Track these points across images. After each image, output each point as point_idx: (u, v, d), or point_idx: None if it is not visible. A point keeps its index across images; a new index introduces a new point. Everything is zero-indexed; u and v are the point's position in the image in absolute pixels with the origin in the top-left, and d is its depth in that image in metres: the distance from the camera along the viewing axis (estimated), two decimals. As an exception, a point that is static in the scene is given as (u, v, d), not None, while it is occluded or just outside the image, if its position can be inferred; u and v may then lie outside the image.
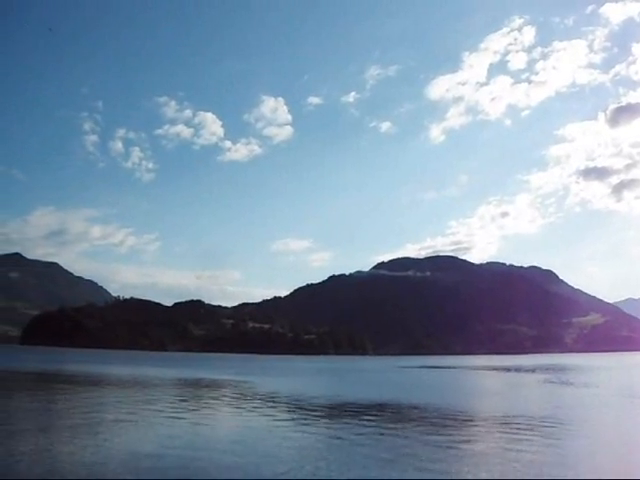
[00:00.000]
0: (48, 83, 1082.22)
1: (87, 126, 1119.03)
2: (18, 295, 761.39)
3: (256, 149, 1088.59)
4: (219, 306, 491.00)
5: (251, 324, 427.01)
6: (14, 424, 27.70)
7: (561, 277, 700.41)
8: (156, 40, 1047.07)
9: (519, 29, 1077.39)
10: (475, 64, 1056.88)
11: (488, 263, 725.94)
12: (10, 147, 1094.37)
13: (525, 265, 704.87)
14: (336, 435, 27.07)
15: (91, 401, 39.76)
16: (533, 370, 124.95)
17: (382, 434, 27.88)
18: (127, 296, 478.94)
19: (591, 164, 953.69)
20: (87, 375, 74.81)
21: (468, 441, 26.15)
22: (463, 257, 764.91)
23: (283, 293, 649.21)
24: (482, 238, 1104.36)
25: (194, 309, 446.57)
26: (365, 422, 32.61)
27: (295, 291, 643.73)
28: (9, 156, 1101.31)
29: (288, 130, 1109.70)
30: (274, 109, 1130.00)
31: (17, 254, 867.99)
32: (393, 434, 27.90)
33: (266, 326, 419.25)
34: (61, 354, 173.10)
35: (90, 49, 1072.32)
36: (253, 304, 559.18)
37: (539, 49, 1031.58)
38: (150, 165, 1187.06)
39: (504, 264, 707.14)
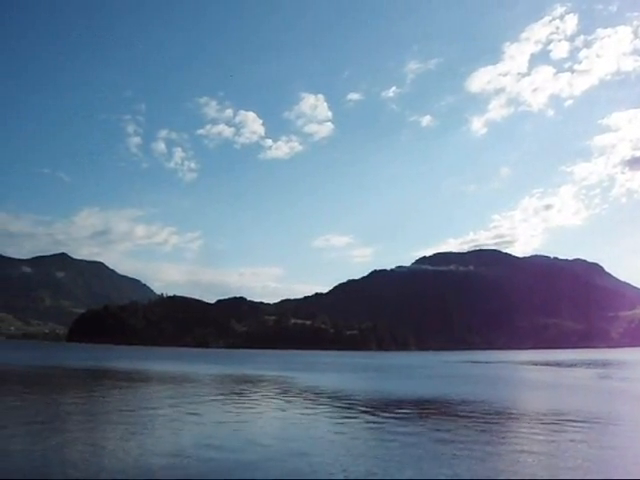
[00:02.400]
0: (92, 87, 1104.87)
1: (130, 128, 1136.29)
2: (65, 294, 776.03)
3: (297, 146, 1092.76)
4: (261, 303, 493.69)
5: (293, 320, 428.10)
6: (60, 421, 27.59)
7: (607, 270, 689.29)
8: (196, 42, 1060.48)
9: (561, 17, 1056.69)
10: (516, 54, 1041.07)
11: (532, 256, 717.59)
12: (56, 150, 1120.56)
13: (570, 258, 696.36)
14: (383, 432, 26.34)
15: (135, 398, 39.68)
16: (580, 365, 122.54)
17: (430, 431, 27.04)
18: (170, 294, 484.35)
19: (637, 153, 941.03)
20: (131, 372, 75.23)
21: (516, 438, 25.23)
22: (506, 251, 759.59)
23: (325, 289, 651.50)
24: (525, 231, 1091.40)
25: (237, 306, 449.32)
26: (412, 418, 31.90)
27: (336, 287, 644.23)
28: (55, 159, 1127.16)
29: (328, 127, 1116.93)
30: (314, 106, 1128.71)
31: (63, 254, 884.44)
32: (442, 431, 27.01)
33: (308, 322, 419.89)
34: (106, 351, 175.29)
35: (132, 53, 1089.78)
36: (295, 300, 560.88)
37: (582, 37, 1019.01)
38: (192, 165, 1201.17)
39: (548, 257, 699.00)
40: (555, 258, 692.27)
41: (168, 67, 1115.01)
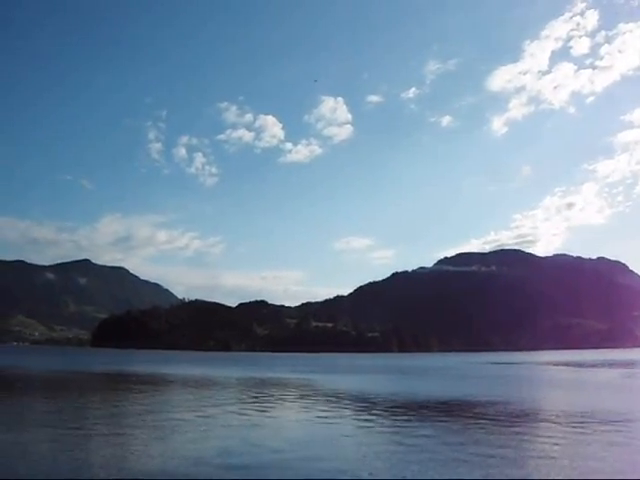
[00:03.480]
0: (114, 94, 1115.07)
1: (152, 134, 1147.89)
2: (88, 300, 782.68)
3: (317, 149, 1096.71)
4: (283, 306, 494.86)
5: (314, 323, 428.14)
6: (84, 425, 27.60)
7: (631, 268, 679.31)
8: (216, 47, 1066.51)
9: (581, 13, 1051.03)
10: (536, 52, 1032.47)
11: (554, 256, 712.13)
12: (78, 157, 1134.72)
13: (593, 257, 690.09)
14: (408, 433, 25.98)
15: (158, 401, 39.70)
16: (604, 365, 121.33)
17: (458, 432, 26.76)
18: (192, 298, 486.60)
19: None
20: (154, 376, 75.44)
21: (545, 439, 24.79)
22: (528, 250, 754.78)
23: (346, 292, 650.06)
24: (548, 230, 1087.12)
25: (258, 309, 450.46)
26: (438, 420, 31.48)
27: (358, 289, 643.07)
28: (77, 166, 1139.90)
29: (348, 129, 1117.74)
30: (334, 109, 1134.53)
31: (86, 260, 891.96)
32: (469, 432, 26.73)
33: (329, 325, 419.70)
34: (129, 356, 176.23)
35: (152, 60, 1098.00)
36: (316, 303, 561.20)
37: (603, 33, 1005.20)
38: (213, 170, 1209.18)
39: (571, 256, 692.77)
40: (578, 257, 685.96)
41: (188, 73, 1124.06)
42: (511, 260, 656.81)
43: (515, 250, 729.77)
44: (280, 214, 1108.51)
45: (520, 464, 19.36)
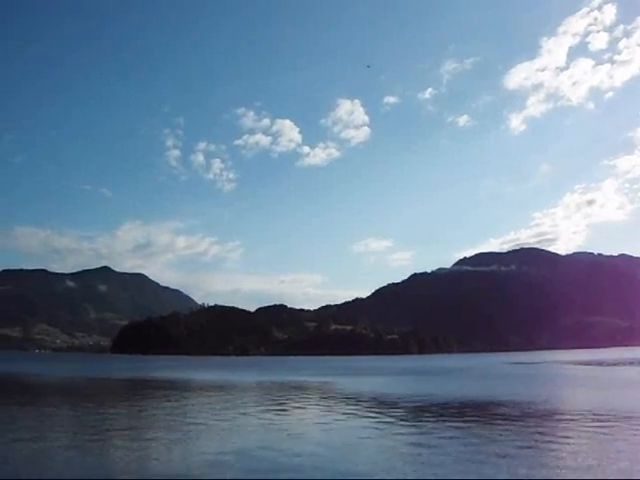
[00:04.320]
0: (131, 103, 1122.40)
1: (170, 142, 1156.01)
2: (108, 307, 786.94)
3: (334, 152, 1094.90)
4: (302, 309, 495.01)
5: (334, 326, 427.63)
6: (106, 429, 27.86)
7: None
8: (232, 53, 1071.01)
9: (599, 8, 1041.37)
10: (554, 49, 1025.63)
11: (575, 254, 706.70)
12: (97, 167, 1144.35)
13: (614, 254, 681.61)
14: (430, 434, 25.81)
15: (180, 406, 39.93)
16: (626, 363, 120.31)
17: (482, 431, 26.50)
18: (211, 303, 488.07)
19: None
20: (174, 381, 75.80)
21: (571, 439, 24.63)
22: (548, 249, 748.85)
23: (365, 294, 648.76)
24: (568, 228, 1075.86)
25: (277, 313, 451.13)
26: (460, 420, 31.16)
27: (377, 291, 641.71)
28: (97, 175, 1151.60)
29: (365, 131, 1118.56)
30: (351, 111, 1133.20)
31: (106, 267, 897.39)
32: (495, 431, 26.46)
33: (348, 327, 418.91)
34: (149, 362, 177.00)
35: (169, 68, 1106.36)
36: (335, 306, 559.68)
37: (621, 27, 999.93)
38: (231, 175, 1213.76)
39: (592, 254, 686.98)
40: (599, 254, 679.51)
41: (205, 80, 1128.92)
42: (531, 259, 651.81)
43: (535, 249, 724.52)
44: (298, 218, 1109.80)
45: (547, 464, 19.21)
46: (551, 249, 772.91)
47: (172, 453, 21.58)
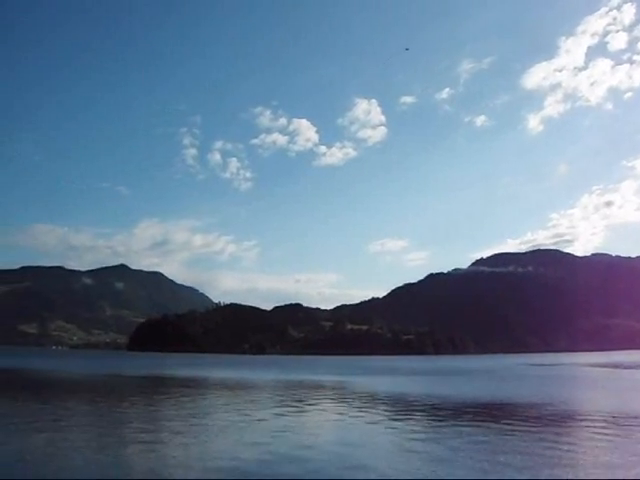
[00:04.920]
0: (149, 103, 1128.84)
1: (187, 140, 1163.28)
2: (125, 304, 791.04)
3: (351, 152, 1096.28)
4: (318, 309, 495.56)
5: (349, 326, 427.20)
6: (124, 427, 27.65)
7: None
8: (248, 52, 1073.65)
9: (618, 8, 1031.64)
10: (572, 49, 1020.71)
11: (593, 255, 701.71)
12: (115, 165, 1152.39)
13: (633, 255, 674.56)
14: (448, 435, 25.40)
15: (196, 404, 39.68)
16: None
17: (499, 433, 26.00)
18: (227, 302, 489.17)
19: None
20: (190, 379, 75.68)
21: (588, 441, 24.19)
22: (566, 250, 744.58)
23: (381, 294, 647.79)
24: (586, 229, 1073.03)
25: (293, 312, 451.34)
26: (477, 421, 30.79)
27: (393, 291, 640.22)
28: (114, 173, 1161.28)
29: (382, 131, 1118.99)
30: (367, 111, 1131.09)
31: (123, 265, 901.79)
32: (512, 434, 25.96)
33: (364, 327, 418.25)
34: (165, 359, 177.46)
35: (186, 67, 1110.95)
36: (351, 305, 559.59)
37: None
38: (247, 174, 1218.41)
39: (610, 255, 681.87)
40: (617, 256, 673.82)
41: (222, 79, 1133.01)
42: (548, 260, 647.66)
43: (552, 250, 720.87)
44: (314, 217, 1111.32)
45: (569, 465, 18.75)
46: (569, 250, 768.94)
47: (189, 452, 21.41)
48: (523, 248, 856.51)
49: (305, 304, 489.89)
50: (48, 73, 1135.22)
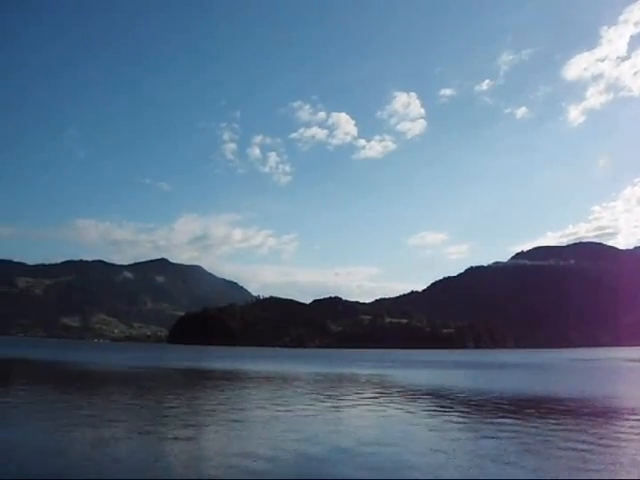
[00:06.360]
0: (189, 98, 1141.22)
1: (226, 135, 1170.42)
2: (165, 297, 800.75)
3: (390, 145, 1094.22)
4: (357, 302, 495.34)
5: (388, 319, 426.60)
6: (162, 421, 27.47)
7: None
8: (288, 47, 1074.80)
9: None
10: (614, 38, 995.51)
11: (636, 248, 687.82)
12: (156, 161, 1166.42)
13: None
14: (494, 430, 24.71)
15: (235, 397, 39.48)
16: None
17: (547, 429, 25.21)
18: (267, 295, 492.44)
19: None
20: (230, 372, 75.80)
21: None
22: (609, 243, 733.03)
23: (420, 287, 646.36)
24: (629, 222, 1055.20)
25: (332, 306, 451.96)
26: (522, 416, 30.03)
27: (432, 285, 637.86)
28: (156, 169, 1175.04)
29: (421, 124, 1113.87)
30: (407, 104, 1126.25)
31: (163, 259, 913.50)
32: (561, 430, 25.22)
33: (404, 321, 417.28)
34: (205, 352, 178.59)
35: (226, 62, 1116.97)
36: (390, 299, 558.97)
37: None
38: (287, 168, 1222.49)
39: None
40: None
41: (261, 74, 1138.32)
42: (590, 253, 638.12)
43: (595, 243, 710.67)
44: (354, 210, 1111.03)
45: (616, 463, 18.04)
46: (611, 243, 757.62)
47: (227, 448, 21.10)
48: (564, 241, 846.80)
49: (344, 297, 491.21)
50: (95, 71, 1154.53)
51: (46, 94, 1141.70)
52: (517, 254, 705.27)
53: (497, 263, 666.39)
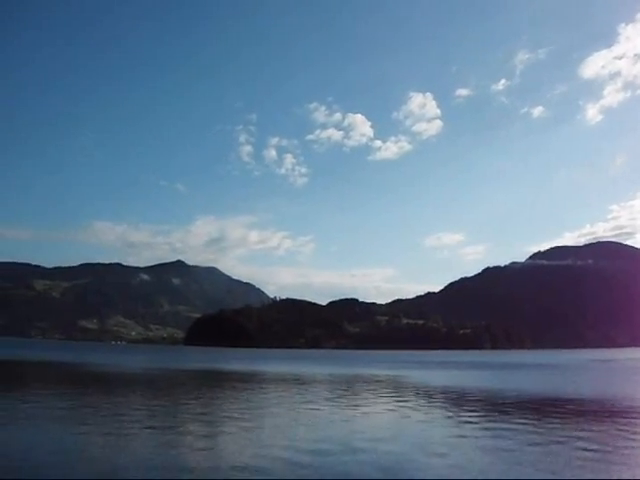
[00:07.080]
0: (206, 101, 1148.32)
1: (242, 138, 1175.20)
2: (182, 299, 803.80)
3: (406, 146, 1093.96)
4: (373, 303, 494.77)
5: (405, 320, 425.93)
6: (178, 422, 27.57)
7: None
8: (303, 49, 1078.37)
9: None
10: (632, 36, 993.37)
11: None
12: (173, 163, 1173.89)
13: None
14: (514, 431, 24.53)
15: (251, 398, 39.51)
16: None
17: (566, 430, 25.07)
18: (283, 297, 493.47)
19: None
20: (247, 373, 75.88)
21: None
22: (627, 243, 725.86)
23: (437, 288, 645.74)
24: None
25: (349, 307, 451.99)
26: (542, 417, 29.83)
27: (449, 286, 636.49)
28: (172, 171, 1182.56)
29: (437, 124, 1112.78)
30: (422, 104, 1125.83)
31: (180, 261, 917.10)
32: (581, 431, 25.03)
33: (420, 322, 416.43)
34: (222, 354, 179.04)
35: (242, 65, 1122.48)
36: (407, 300, 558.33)
37: None
38: (303, 170, 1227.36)
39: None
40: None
41: (277, 76, 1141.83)
42: (608, 253, 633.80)
43: (613, 242, 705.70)
44: (370, 211, 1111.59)
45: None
46: (630, 243, 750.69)
47: (243, 449, 21.05)
48: (582, 241, 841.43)
49: (360, 299, 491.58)
50: (110, 73, 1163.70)
51: (63, 96, 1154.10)
52: (534, 254, 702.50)
53: (514, 263, 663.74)
